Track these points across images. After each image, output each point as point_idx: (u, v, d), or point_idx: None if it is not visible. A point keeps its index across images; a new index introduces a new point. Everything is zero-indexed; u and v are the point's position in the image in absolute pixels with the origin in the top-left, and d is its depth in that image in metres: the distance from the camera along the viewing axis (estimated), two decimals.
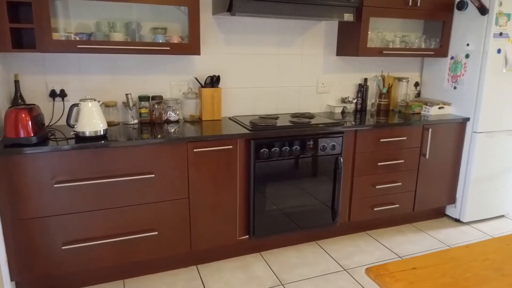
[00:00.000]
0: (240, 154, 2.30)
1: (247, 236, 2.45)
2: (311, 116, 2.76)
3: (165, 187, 2.14)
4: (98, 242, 2.07)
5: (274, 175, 2.40)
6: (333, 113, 2.98)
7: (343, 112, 3.02)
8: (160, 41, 2.30)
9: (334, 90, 3.07)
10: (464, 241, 2.77)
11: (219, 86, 2.58)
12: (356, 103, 3.10)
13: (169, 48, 2.25)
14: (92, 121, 2.02)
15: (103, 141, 1.98)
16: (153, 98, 2.45)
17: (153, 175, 2.10)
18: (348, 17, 2.55)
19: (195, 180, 2.21)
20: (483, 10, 2.74)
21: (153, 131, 2.25)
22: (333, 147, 2.51)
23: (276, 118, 2.66)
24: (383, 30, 3.03)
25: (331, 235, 2.79)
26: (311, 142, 2.45)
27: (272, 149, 2.35)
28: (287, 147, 2.39)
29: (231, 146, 2.24)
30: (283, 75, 2.88)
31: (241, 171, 2.33)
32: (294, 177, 2.47)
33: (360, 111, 3.08)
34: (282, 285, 2.23)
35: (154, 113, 2.43)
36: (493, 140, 2.91)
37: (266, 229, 2.46)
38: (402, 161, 2.76)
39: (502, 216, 3.19)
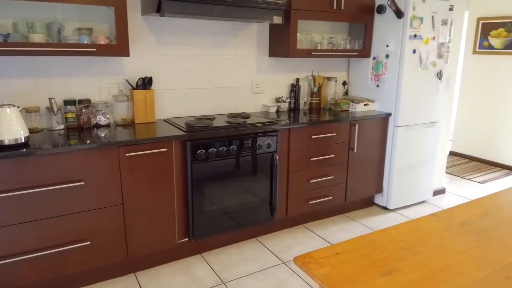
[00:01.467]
0: (176, 157, 2.28)
1: (186, 239, 2.43)
2: (247, 116, 2.82)
3: (96, 194, 2.06)
4: (24, 257, 1.93)
5: (212, 176, 2.42)
6: (268, 113, 3.06)
7: (277, 111, 3.12)
8: (85, 42, 2.21)
9: (268, 90, 3.16)
10: (389, 226, 3.00)
11: (151, 88, 2.54)
12: (290, 102, 3.22)
13: (95, 49, 2.16)
14: (12, 128, 1.88)
15: (24, 149, 1.85)
16: (80, 102, 2.34)
17: (83, 183, 2.01)
18: (277, 19, 2.64)
19: (129, 186, 2.15)
20: (399, 14, 2.99)
21: (81, 136, 2.15)
22: (269, 145, 2.59)
23: (213, 119, 2.68)
24: (311, 32, 3.18)
25: (270, 230, 2.87)
26: (248, 142, 2.51)
27: (209, 150, 2.36)
28: (224, 147, 2.42)
29: (165, 149, 2.21)
30: (218, 75, 2.90)
31: (178, 173, 2.31)
32: (232, 177, 2.50)
33: (294, 110, 3.21)
34: (224, 283, 2.26)
35: (82, 117, 2.32)
36: (412, 133, 3.20)
37: (206, 230, 2.47)
38: (333, 155, 2.92)
39: (423, 201, 3.51)
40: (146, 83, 2.49)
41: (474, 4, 4.69)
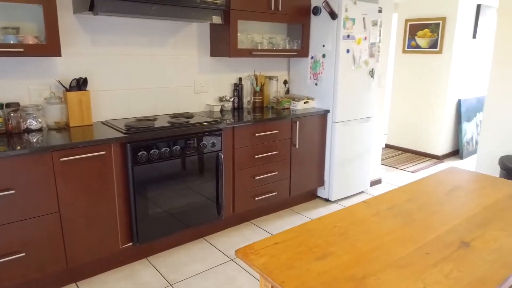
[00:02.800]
0: (116, 160, 2.21)
1: (130, 244, 2.37)
2: (190, 115, 2.81)
3: (29, 203, 1.94)
4: None
5: (156, 178, 2.38)
6: (212, 112, 3.07)
7: (221, 111, 3.14)
8: (12, 42, 2.07)
9: (211, 90, 3.17)
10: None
11: (87, 89, 2.43)
12: (233, 101, 3.25)
13: (22, 49, 2.03)
14: None
15: None
16: (8, 105, 2.18)
17: (13, 191, 1.88)
18: (216, 19, 2.67)
19: (65, 192, 2.05)
20: (333, 15, 3.14)
21: (10, 142, 2.01)
22: (213, 144, 2.60)
23: (154, 120, 2.63)
24: (252, 32, 3.24)
25: (218, 229, 2.89)
26: (192, 141, 2.50)
27: (151, 151, 2.32)
28: (167, 148, 2.39)
29: (104, 152, 2.14)
30: (159, 76, 2.86)
31: (119, 177, 2.24)
32: (177, 177, 2.48)
33: (238, 109, 3.25)
34: (171, 285, 2.24)
35: (10, 122, 2.17)
36: (349, 128, 3.38)
37: (151, 233, 2.43)
38: (276, 152, 3.00)
39: (362, 192, 3.73)
40: (80, 84, 2.39)
41: (402, 6, 5.06)
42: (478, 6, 4.83)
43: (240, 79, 3.28)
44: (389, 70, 5.80)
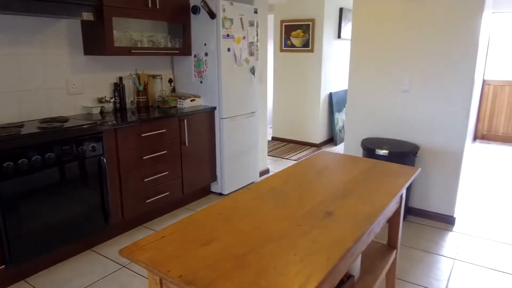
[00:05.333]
0: None
1: (3, 266, 2.10)
2: (64, 119, 2.59)
3: None
4: None
5: (28, 190, 2.15)
6: (91, 114, 2.88)
7: (102, 112, 2.97)
8: None
9: (88, 91, 2.97)
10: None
11: None
12: (115, 102, 3.11)
13: None
14: None
15: None
16: None
17: None
18: (87, 16, 2.51)
19: None
20: (212, 15, 3.24)
21: None
22: (93, 148, 2.46)
23: (21, 126, 2.36)
24: (130, 30, 3.13)
25: (107, 237, 2.74)
26: (67, 147, 2.32)
27: (20, 162, 2.08)
28: (38, 157, 2.17)
29: None
30: (25, 77, 2.57)
31: None
32: (54, 188, 2.27)
33: (120, 110, 3.11)
34: None
35: None
36: (236, 123, 3.54)
37: (27, 252, 2.18)
38: (166, 151, 2.98)
39: (252, 183, 3.92)
40: None
41: (277, 8, 5.45)
42: (341, 9, 5.49)
43: (121, 78, 3.15)
44: (269, 68, 6.21)
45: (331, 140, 5.78)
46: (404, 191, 1.94)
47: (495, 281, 2.28)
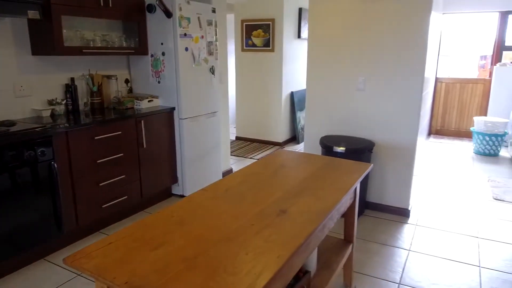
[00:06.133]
0: None
1: None
2: (11, 123, 2.45)
3: None
4: None
5: None
6: (41, 117, 2.74)
7: (52, 115, 2.83)
8: None
9: (38, 93, 2.83)
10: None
11: None
12: (67, 104, 2.97)
13: None
14: None
15: None
16: None
17: None
18: (33, 14, 2.38)
19: None
20: (168, 14, 3.18)
21: None
22: (43, 153, 2.34)
23: None
24: (82, 29, 3.01)
25: (61, 245, 2.62)
26: (14, 153, 2.19)
27: None
28: None
29: None
30: None
31: None
32: (1, 195, 2.14)
33: (73, 112, 2.98)
34: None
35: None
36: (196, 124, 3.49)
37: None
38: (122, 154, 2.89)
39: None
40: None
41: (237, 7, 5.45)
42: (300, 9, 5.57)
43: (73, 79, 3.02)
44: (232, 67, 6.20)
45: (294, 138, 5.86)
46: (358, 186, 2.00)
47: (447, 269, 2.40)
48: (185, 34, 3.27)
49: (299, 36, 5.63)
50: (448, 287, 2.22)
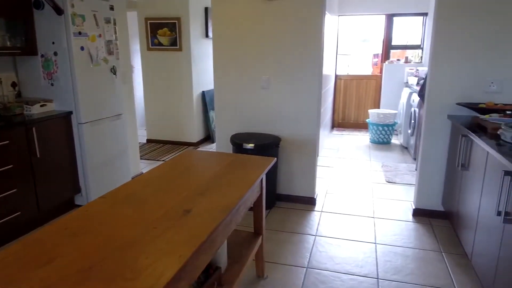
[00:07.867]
0: None
1: None
2: None
3: None
4: None
5: None
6: None
7: None
8: None
9: None
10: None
11: None
12: None
13: None
14: None
15: None
16: None
17: None
18: None
19: None
20: (58, 10, 2.93)
21: None
22: None
23: None
24: None
25: None
26: None
27: None
28: None
29: None
30: None
31: None
32: None
33: None
34: None
35: None
36: (98, 128, 3.29)
37: None
38: (11, 166, 2.59)
39: None
40: None
41: (140, 5, 5.24)
42: (206, 9, 5.57)
43: None
44: (138, 67, 5.96)
45: (209, 138, 5.86)
46: (264, 180, 2.09)
47: (348, 249, 2.64)
48: (79, 33, 3.05)
49: (207, 36, 5.64)
50: (349, 265, 2.45)
